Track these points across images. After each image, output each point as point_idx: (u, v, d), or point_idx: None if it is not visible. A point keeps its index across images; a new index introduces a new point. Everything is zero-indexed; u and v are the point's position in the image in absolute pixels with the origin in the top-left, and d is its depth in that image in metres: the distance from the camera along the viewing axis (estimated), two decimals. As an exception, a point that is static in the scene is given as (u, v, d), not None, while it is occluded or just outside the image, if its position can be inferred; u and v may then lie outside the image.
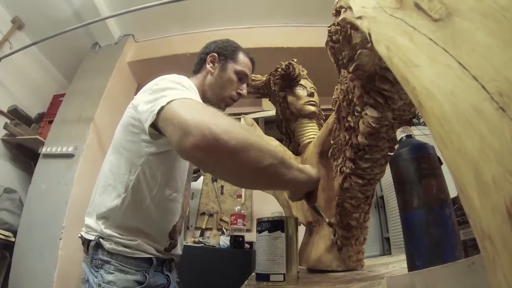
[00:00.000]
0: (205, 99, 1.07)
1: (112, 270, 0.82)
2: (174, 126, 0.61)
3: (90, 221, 0.88)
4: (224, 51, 1.10)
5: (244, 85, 1.12)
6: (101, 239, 0.84)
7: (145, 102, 0.75)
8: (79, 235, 0.91)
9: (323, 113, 1.27)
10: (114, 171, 0.89)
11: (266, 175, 0.65)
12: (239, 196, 2.77)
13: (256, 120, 2.57)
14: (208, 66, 1.09)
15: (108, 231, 0.84)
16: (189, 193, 1.08)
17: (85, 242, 0.88)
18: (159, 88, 0.75)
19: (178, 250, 1.00)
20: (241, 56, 1.11)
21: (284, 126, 1.33)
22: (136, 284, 0.83)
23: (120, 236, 0.84)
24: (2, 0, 2.68)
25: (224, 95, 1.08)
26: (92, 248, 0.85)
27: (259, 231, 0.78)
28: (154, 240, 0.89)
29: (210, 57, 1.10)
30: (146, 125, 0.71)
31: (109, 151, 0.95)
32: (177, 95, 0.67)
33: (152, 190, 0.87)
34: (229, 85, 1.08)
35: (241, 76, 1.10)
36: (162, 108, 0.66)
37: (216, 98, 1.08)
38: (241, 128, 0.62)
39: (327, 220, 0.89)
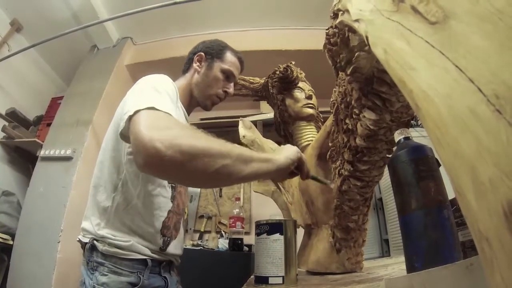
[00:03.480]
0: (192, 97, 1.10)
1: (106, 272, 0.82)
2: (132, 142, 0.64)
3: (86, 224, 0.90)
4: (211, 50, 1.12)
5: (231, 84, 1.14)
6: (95, 241, 0.85)
7: (126, 105, 0.77)
8: (77, 239, 0.91)
9: (321, 116, 1.28)
10: (104, 171, 0.90)
11: (220, 177, 0.67)
12: (238, 199, 2.77)
13: (255, 122, 2.57)
14: (195, 65, 1.12)
15: (101, 233, 0.84)
16: (185, 190, 1.07)
17: (83, 245, 0.89)
18: (136, 91, 0.80)
19: (176, 249, 0.98)
20: (228, 55, 1.13)
21: (282, 129, 1.33)
22: (130, 286, 0.83)
23: (113, 237, 0.84)
24: (1, 3, 2.68)
25: (210, 93, 1.09)
26: (88, 250, 0.86)
27: (257, 234, 0.78)
28: (147, 239, 0.88)
29: (197, 56, 1.13)
30: (119, 130, 0.75)
31: (99, 152, 0.96)
32: (144, 103, 0.68)
33: (136, 188, 0.87)
34: (215, 84, 1.09)
35: (228, 75, 1.11)
36: (130, 118, 0.68)
37: (202, 96, 1.10)
38: (189, 136, 0.63)
39: (331, 184, 0.89)
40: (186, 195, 1.11)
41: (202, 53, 1.12)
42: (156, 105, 0.68)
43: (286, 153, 0.81)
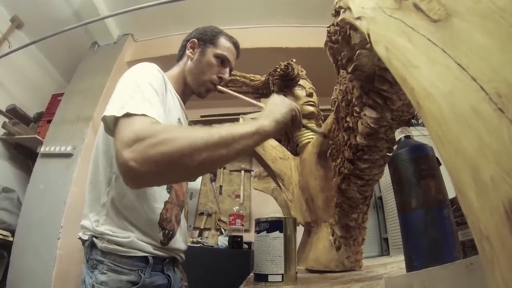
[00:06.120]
0: (186, 85, 1.08)
1: (105, 270, 0.80)
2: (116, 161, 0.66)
3: (85, 221, 0.88)
4: (204, 36, 1.10)
5: (226, 69, 1.10)
6: (94, 238, 0.83)
7: (109, 104, 0.77)
8: (78, 236, 0.90)
9: (322, 114, 1.27)
10: (99, 167, 0.89)
11: (204, 169, 0.69)
12: (238, 196, 2.77)
13: (255, 120, 2.57)
14: (188, 52, 1.10)
15: (100, 229, 0.83)
16: (185, 183, 1.06)
17: (83, 243, 0.88)
18: (118, 90, 0.79)
19: (179, 244, 0.96)
20: (222, 40, 1.10)
21: (283, 127, 1.33)
22: (130, 284, 0.81)
23: (112, 233, 0.82)
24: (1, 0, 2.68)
25: (203, 79, 1.07)
26: (87, 248, 0.84)
27: (257, 232, 0.78)
28: (147, 233, 0.86)
29: (190, 43, 1.11)
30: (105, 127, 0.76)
31: (94, 148, 0.95)
32: (121, 109, 0.68)
33: None
34: (208, 69, 1.07)
35: (223, 60, 1.08)
36: (110, 118, 0.70)
37: (195, 82, 1.07)
38: (160, 143, 0.62)
39: (322, 131, 0.89)
40: (187, 187, 1.10)
41: (195, 40, 1.10)
42: (131, 109, 0.68)
43: (276, 114, 0.78)
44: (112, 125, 0.70)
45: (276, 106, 0.81)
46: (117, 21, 2.91)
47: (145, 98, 0.75)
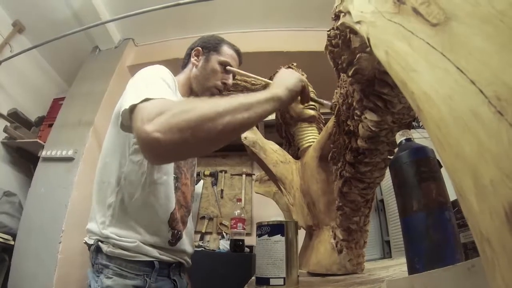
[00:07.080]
0: (192, 91, 1.11)
1: (111, 274, 0.80)
2: (137, 141, 0.65)
3: (91, 224, 0.88)
4: (208, 45, 1.14)
5: (230, 75, 1.14)
6: (99, 243, 0.83)
7: (123, 100, 0.77)
8: (84, 241, 0.90)
9: (322, 117, 1.28)
10: (107, 167, 0.90)
11: (226, 135, 0.67)
12: (239, 200, 2.77)
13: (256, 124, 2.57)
14: (193, 59, 1.13)
15: (106, 232, 0.83)
16: (191, 182, 1.06)
17: (89, 247, 0.88)
18: (131, 86, 0.79)
19: (186, 246, 0.97)
20: (225, 48, 1.14)
21: (283, 130, 1.33)
22: None
23: (118, 238, 0.82)
24: (3, 4, 2.69)
25: (208, 85, 1.10)
26: (93, 252, 0.84)
27: (259, 235, 0.78)
28: (154, 233, 0.86)
29: (194, 51, 1.14)
30: (119, 122, 0.76)
31: (102, 149, 0.95)
32: (138, 97, 0.69)
33: (141, 178, 0.86)
34: (212, 75, 1.10)
35: (226, 66, 1.12)
36: (130, 111, 0.69)
37: (201, 88, 1.10)
38: (182, 112, 0.62)
39: (328, 103, 0.89)
40: (193, 191, 1.11)
41: (199, 48, 1.14)
42: (149, 95, 0.68)
43: (287, 83, 0.81)
44: (128, 118, 0.69)
45: (286, 77, 0.84)
46: (118, 26, 2.93)
47: (161, 89, 0.76)
